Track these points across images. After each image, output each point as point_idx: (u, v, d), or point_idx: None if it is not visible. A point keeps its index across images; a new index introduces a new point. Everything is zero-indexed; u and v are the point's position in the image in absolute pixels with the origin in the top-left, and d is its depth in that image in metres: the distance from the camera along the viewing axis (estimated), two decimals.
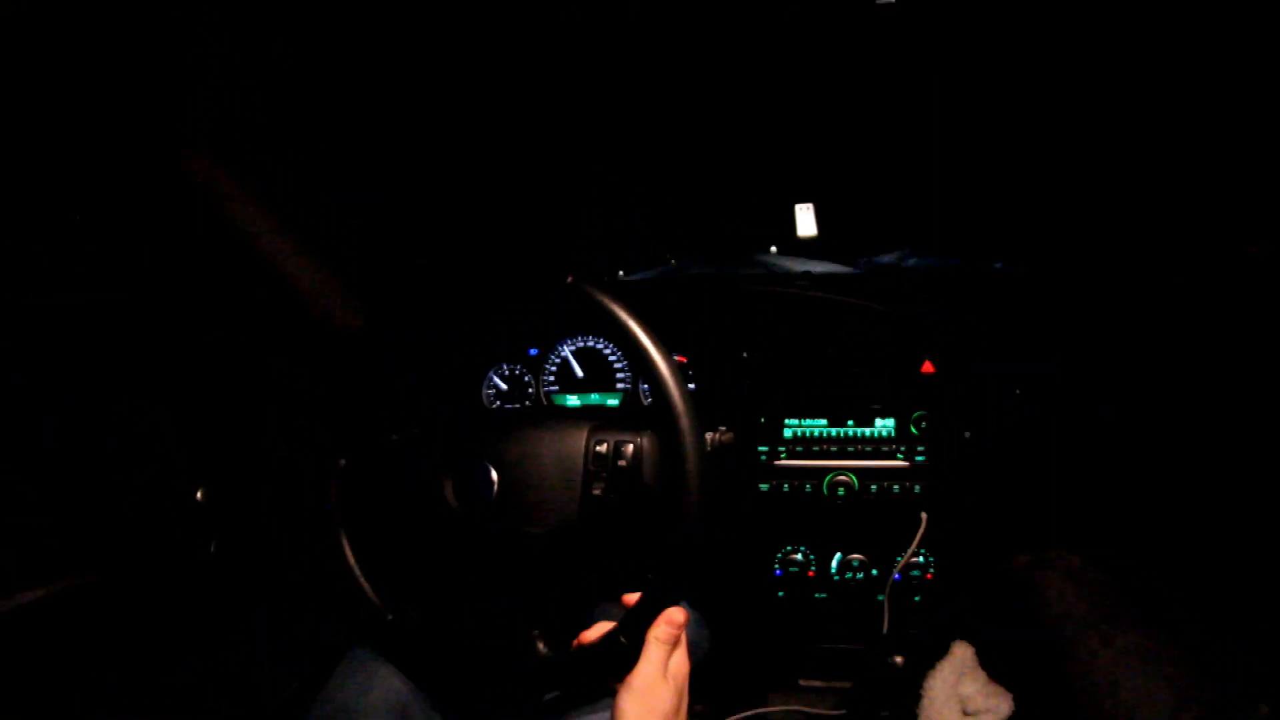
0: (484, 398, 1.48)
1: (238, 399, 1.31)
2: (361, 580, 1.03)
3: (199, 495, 1.17)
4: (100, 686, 1.07)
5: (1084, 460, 1.31)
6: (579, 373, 1.45)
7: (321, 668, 1.15)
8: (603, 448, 1.00)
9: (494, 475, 1.00)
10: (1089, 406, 1.30)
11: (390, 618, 1.02)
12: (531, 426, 1.05)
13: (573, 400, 1.46)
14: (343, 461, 1.08)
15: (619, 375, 1.44)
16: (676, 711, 0.86)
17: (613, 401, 1.44)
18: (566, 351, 1.44)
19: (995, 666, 1.28)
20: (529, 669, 0.96)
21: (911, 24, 1.21)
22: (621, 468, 0.98)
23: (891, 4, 1.07)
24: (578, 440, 1.01)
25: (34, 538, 1.03)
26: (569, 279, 0.92)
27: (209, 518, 1.19)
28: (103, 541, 1.09)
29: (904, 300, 1.34)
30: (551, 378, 1.46)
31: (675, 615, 0.87)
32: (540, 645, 0.97)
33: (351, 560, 1.04)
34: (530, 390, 1.46)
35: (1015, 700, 1.23)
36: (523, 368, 1.46)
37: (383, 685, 1.09)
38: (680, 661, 0.89)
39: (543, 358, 1.45)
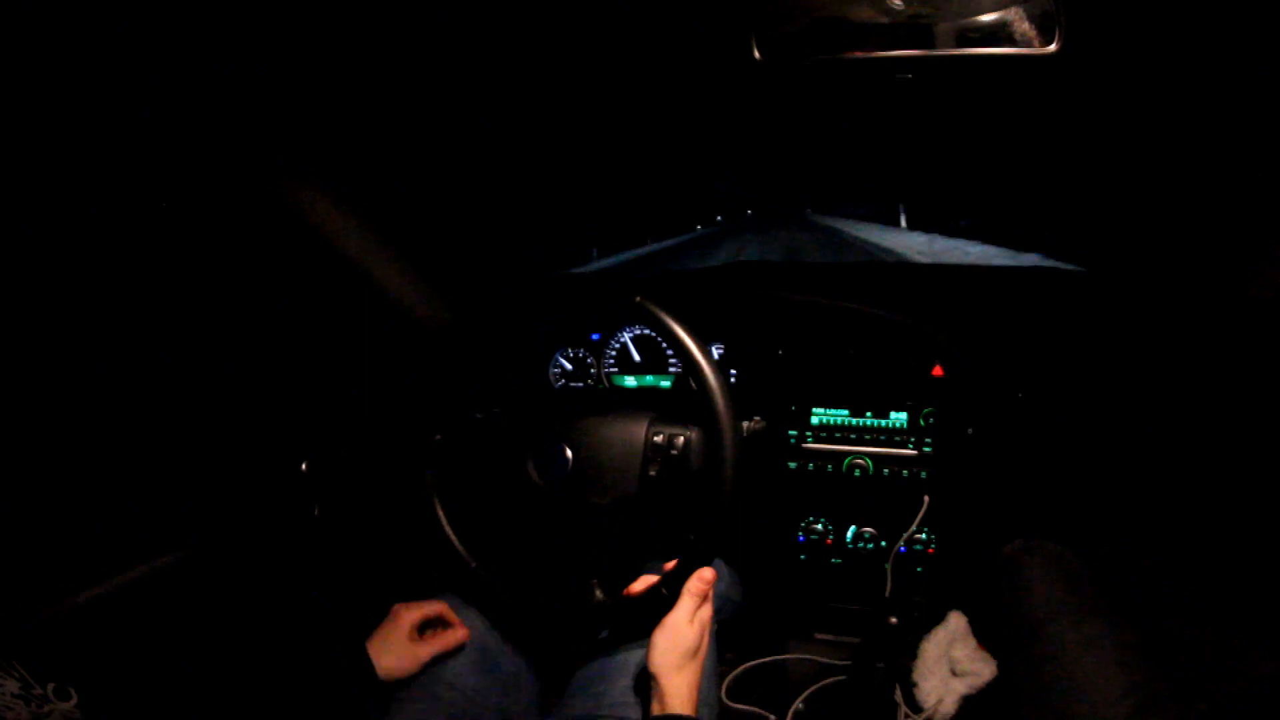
0: (550, 376, 1.63)
1: (341, 386, 1.48)
2: (452, 535, 1.21)
3: (304, 466, 1.34)
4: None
5: (1076, 461, 1.44)
6: (636, 357, 1.59)
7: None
8: (659, 438, 1.16)
9: (569, 455, 1.17)
10: (1084, 412, 1.42)
11: (474, 566, 1.19)
12: (600, 414, 1.21)
13: (630, 381, 1.61)
14: (438, 437, 1.25)
15: (672, 361, 1.58)
16: (697, 651, 1.03)
17: (665, 383, 1.59)
18: (626, 338, 1.59)
19: (984, 636, 1.39)
20: (587, 612, 1.14)
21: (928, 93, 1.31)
22: (673, 455, 1.14)
23: (909, 77, 1.19)
24: (639, 430, 1.18)
25: (159, 511, 1.17)
26: (637, 299, 1.08)
27: (313, 486, 1.35)
28: (223, 512, 1.25)
29: (926, 302, 1.46)
30: (611, 360, 1.60)
31: (706, 573, 1.04)
32: (598, 593, 1.15)
33: (443, 518, 1.22)
34: (592, 371, 1.61)
35: (998, 668, 1.33)
36: (585, 351, 1.61)
37: (466, 625, 1.24)
38: (706, 612, 1.05)
39: (604, 343, 1.60)
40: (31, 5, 0.88)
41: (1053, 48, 1.03)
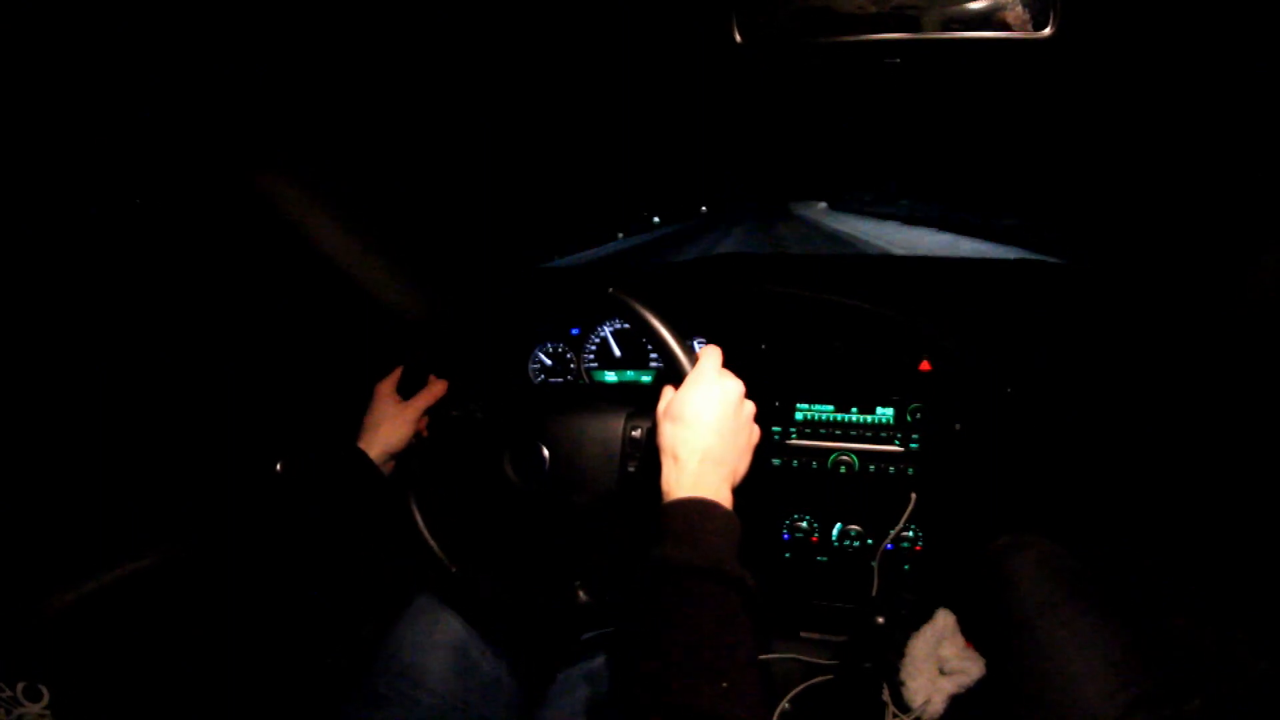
0: (529, 372, 1.60)
1: (316, 381, 1.45)
2: (429, 537, 1.18)
3: (278, 467, 1.29)
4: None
5: (1067, 456, 1.42)
6: (617, 351, 1.57)
7: (389, 614, 1.26)
8: (637, 433, 1.13)
9: (546, 454, 1.14)
10: (1076, 407, 1.41)
11: (454, 569, 1.17)
12: (577, 410, 1.17)
13: (610, 376, 1.58)
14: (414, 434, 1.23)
15: (653, 355, 1.56)
16: (729, 420, 0.95)
17: (646, 378, 1.56)
18: (606, 331, 1.57)
19: (973, 634, 1.37)
20: (570, 614, 1.13)
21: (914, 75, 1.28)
22: (653, 450, 1.13)
23: (897, 62, 1.16)
24: (617, 425, 1.14)
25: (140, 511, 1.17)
26: (610, 289, 1.05)
27: (288, 486, 1.30)
28: (194, 512, 1.23)
29: (913, 296, 1.44)
30: (591, 355, 1.58)
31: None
32: (580, 594, 1.12)
33: (419, 519, 1.18)
34: (572, 366, 1.58)
35: (986, 666, 1.32)
36: (565, 346, 1.58)
37: (445, 627, 1.21)
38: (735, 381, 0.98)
39: (584, 337, 1.57)
40: (31, 5, 0.88)
41: (1047, 31, 1.01)
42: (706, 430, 0.93)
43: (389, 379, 1.30)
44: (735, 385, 0.98)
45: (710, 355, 1.00)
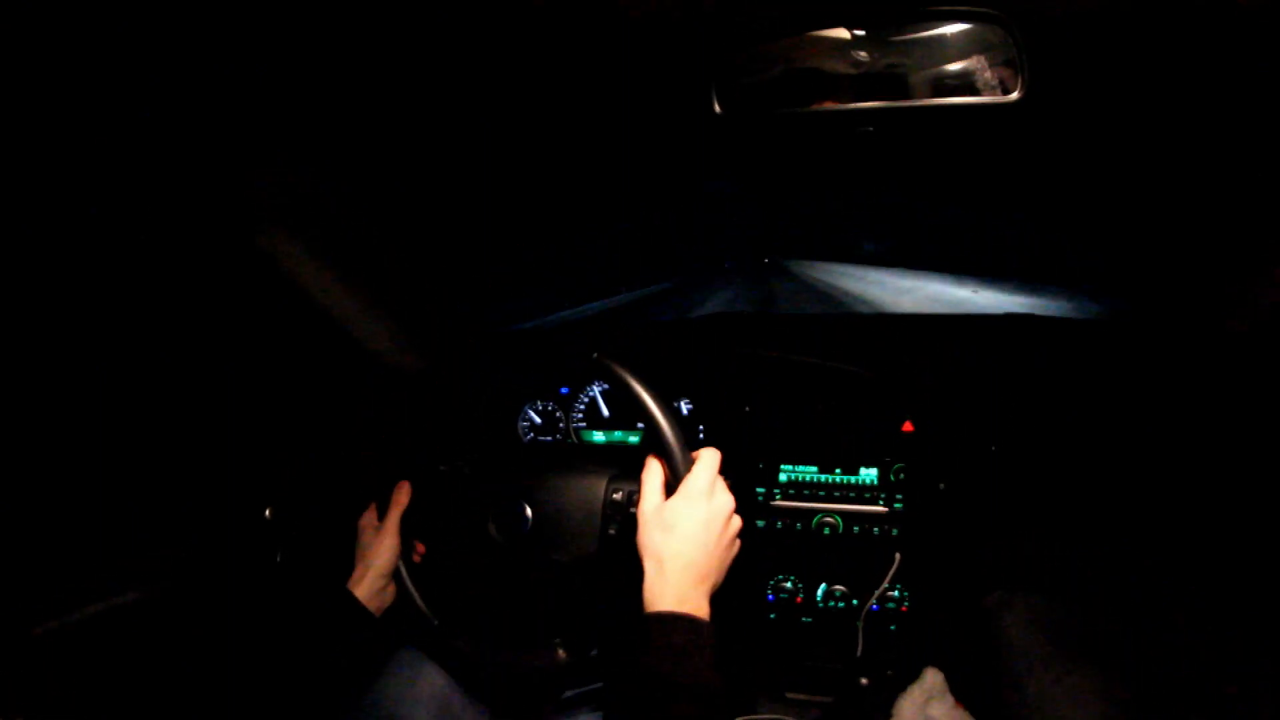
0: (519, 430, 1.62)
1: (307, 431, 1.44)
2: (414, 591, 1.19)
3: (267, 514, 1.31)
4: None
5: (1050, 511, 1.44)
6: (605, 412, 1.58)
7: (368, 665, 1.24)
8: (618, 495, 1.14)
9: (529, 513, 1.15)
10: (1061, 460, 1.43)
11: (436, 623, 1.17)
12: (561, 470, 1.19)
13: (599, 436, 1.59)
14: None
15: None
16: (716, 535, 0.98)
17: (634, 439, 1.58)
18: (595, 392, 1.58)
19: (962, 693, 1.37)
20: (551, 671, 1.13)
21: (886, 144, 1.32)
22: (632, 513, 1.11)
23: (870, 131, 1.20)
24: (598, 487, 1.15)
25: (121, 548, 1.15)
26: (595, 355, 1.07)
27: (276, 533, 1.32)
28: (184, 555, 1.21)
29: (898, 354, 1.46)
30: (580, 415, 1.59)
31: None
32: (560, 652, 1.13)
33: (404, 571, 1.20)
34: (561, 425, 1.60)
35: None
36: (554, 404, 1.60)
37: (427, 681, 1.20)
38: (727, 495, 1.03)
39: (573, 396, 1.59)
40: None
41: (1015, 95, 1.04)
42: (695, 545, 0.96)
43: (367, 512, 1.28)
44: (727, 501, 1.02)
45: (708, 463, 1.03)
